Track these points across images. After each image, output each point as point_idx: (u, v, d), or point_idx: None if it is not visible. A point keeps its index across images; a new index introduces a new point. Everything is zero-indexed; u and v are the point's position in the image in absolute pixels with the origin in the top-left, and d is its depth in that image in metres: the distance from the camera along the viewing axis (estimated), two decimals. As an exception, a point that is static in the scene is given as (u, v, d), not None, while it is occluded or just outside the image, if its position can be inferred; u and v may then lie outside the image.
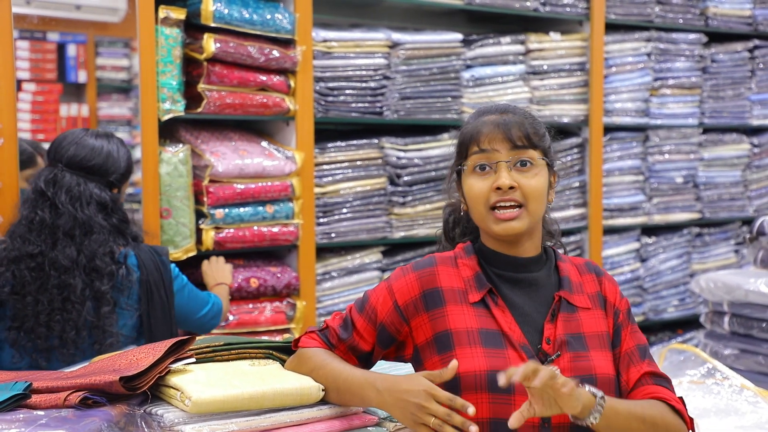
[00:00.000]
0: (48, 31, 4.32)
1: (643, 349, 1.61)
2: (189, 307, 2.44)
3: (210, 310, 2.50)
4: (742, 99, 4.28)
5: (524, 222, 1.56)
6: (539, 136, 1.59)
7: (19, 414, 1.41)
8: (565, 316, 1.58)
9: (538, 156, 1.58)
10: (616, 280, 1.67)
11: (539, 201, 1.58)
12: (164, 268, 2.30)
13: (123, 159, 2.36)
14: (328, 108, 3.17)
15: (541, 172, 1.58)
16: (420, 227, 3.39)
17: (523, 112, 1.63)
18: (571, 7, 3.69)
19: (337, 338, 1.67)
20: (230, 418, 1.48)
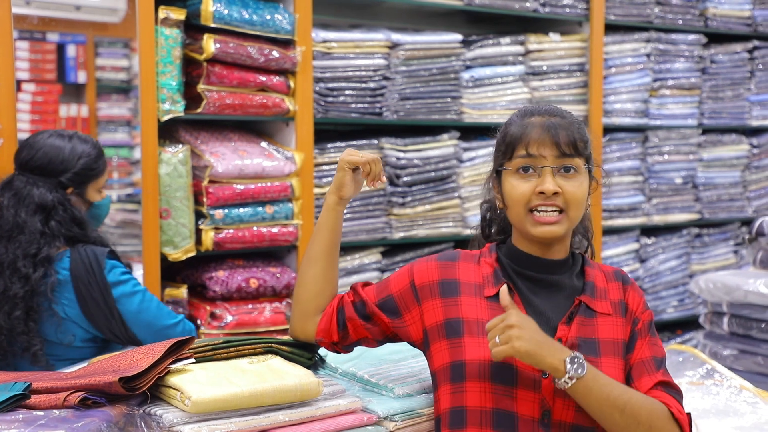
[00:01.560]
0: (48, 31, 4.32)
1: (659, 361, 1.60)
2: (149, 313, 2.23)
3: (179, 325, 2.28)
4: (741, 100, 4.29)
5: (563, 227, 1.59)
6: (584, 143, 1.62)
7: (18, 414, 1.41)
8: (581, 319, 1.59)
9: (582, 163, 1.61)
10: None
11: (580, 208, 1.61)
12: (98, 268, 2.17)
13: (76, 158, 2.27)
14: (327, 108, 3.17)
15: (584, 180, 1.61)
16: (419, 228, 3.39)
17: (570, 117, 1.64)
18: (570, 8, 3.69)
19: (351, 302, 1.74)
20: (229, 417, 1.48)
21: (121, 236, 4.07)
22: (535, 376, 1.53)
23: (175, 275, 3.06)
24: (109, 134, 4.50)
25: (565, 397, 1.51)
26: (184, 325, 2.31)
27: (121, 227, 4.03)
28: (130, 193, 4.43)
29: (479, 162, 3.53)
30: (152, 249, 2.81)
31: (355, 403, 1.61)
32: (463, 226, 3.50)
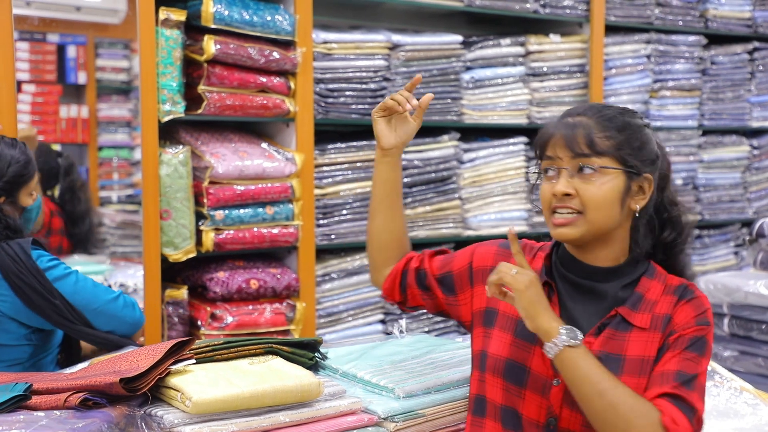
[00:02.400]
0: (48, 32, 4.32)
1: (683, 376, 1.45)
2: (86, 292, 2.18)
3: (119, 298, 2.24)
4: (741, 101, 4.29)
5: (579, 229, 1.53)
6: (612, 141, 1.52)
7: (19, 415, 1.41)
8: (612, 332, 1.52)
9: (604, 163, 1.52)
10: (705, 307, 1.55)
11: (600, 210, 1.52)
12: (26, 257, 2.11)
13: (6, 166, 2.20)
14: (328, 109, 3.17)
15: (609, 181, 1.52)
16: (420, 229, 3.39)
17: (602, 114, 1.56)
18: (570, 9, 3.69)
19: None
20: (230, 418, 1.48)
21: (122, 237, 4.08)
22: (546, 381, 1.52)
23: (175, 276, 3.06)
24: (109, 135, 4.49)
25: (573, 407, 1.49)
26: (125, 298, 2.26)
27: (121, 228, 4.03)
28: (131, 194, 4.43)
29: (480, 163, 3.53)
30: (153, 250, 2.81)
31: (356, 403, 1.61)
32: (464, 227, 3.50)
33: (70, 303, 2.14)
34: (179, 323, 2.91)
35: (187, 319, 2.94)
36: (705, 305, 1.54)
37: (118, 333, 2.25)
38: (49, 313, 2.13)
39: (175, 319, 2.90)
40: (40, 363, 2.24)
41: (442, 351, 1.95)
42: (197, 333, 2.90)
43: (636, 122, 1.57)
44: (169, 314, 2.89)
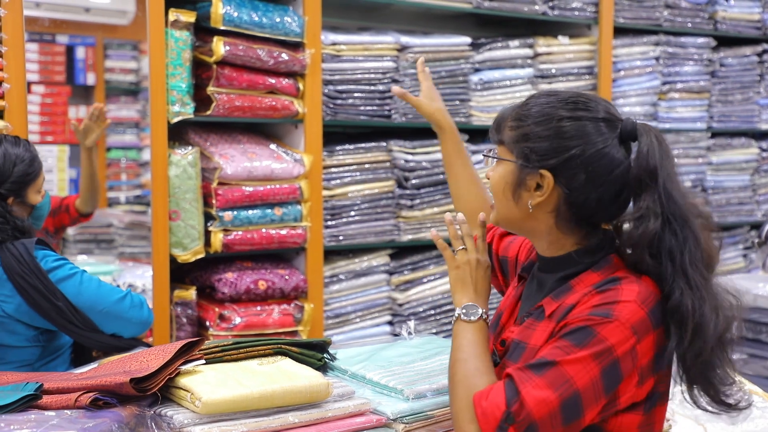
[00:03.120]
0: (57, 33, 4.33)
1: (537, 361, 1.36)
2: (90, 293, 2.16)
3: (125, 298, 2.21)
4: (750, 103, 4.28)
5: (493, 215, 1.57)
6: (514, 132, 1.48)
7: (30, 414, 1.42)
8: (530, 322, 1.49)
9: (500, 153, 1.52)
10: (616, 299, 1.37)
11: (498, 198, 1.52)
12: (29, 257, 2.11)
13: (11, 166, 2.19)
14: (336, 111, 3.18)
15: (501, 170, 1.50)
16: (428, 230, 3.39)
17: (528, 103, 1.50)
18: (579, 11, 3.68)
19: None
20: (239, 419, 1.48)
21: (130, 238, 4.09)
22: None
23: (184, 277, 3.07)
24: (117, 136, 4.51)
25: None
26: (132, 297, 2.22)
27: (129, 229, 4.04)
28: (139, 194, 4.44)
29: (486, 166, 3.52)
30: (161, 251, 2.81)
31: (365, 404, 1.61)
32: (472, 228, 3.50)
33: (74, 305, 2.12)
34: (188, 324, 2.92)
35: (196, 320, 2.95)
36: (617, 297, 1.37)
37: (125, 335, 2.23)
38: (53, 315, 2.10)
39: (183, 320, 2.91)
40: (50, 366, 2.22)
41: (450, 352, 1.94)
42: (205, 334, 2.90)
43: (559, 114, 1.44)
44: (177, 315, 2.90)
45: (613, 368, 1.34)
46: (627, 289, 1.38)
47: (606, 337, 1.34)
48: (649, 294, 1.39)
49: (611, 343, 1.34)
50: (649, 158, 1.41)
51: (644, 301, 1.37)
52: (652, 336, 1.37)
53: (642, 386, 1.39)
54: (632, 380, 1.37)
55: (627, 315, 1.35)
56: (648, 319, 1.37)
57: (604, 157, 1.42)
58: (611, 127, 1.44)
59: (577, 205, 1.45)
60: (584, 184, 1.43)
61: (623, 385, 1.36)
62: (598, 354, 1.33)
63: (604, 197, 1.44)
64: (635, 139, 1.44)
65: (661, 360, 1.39)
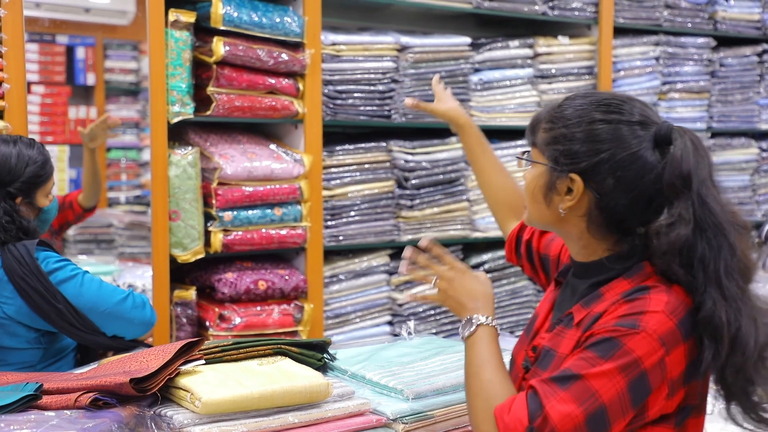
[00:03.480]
0: (57, 33, 4.33)
1: (562, 373, 1.33)
2: (91, 294, 2.14)
3: (127, 299, 2.19)
4: (750, 103, 4.28)
5: (525, 217, 1.55)
6: (548, 134, 1.46)
7: (30, 414, 1.42)
8: (560, 329, 1.47)
9: (533, 155, 1.50)
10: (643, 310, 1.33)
11: (530, 199, 1.50)
12: (30, 259, 2.10)
13: (24, 166, 2.19)
14: (336, 111, 3.18)
15: (534, 173, 1.48)
16: (428, 230, 3.39)
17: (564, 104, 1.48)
18: (579, 11, 3.68)
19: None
20: (239, 419, 1.48)
21: (130, 238, 4.09)
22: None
23: (184, 277, 3.07)
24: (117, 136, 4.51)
25: None
26: (134, 298, 2.20)
27: (129, 229, 4.04)
28: (139, 195, 4.44)
29: (488, 165, 3.53)
30: (161, 251, 2.81)
31: (365, 404, 1.62)
32: (471, 228, 3.50)
33: (74, 306, 2.11)
34: (187, 324, 2.92)
35: (196, 320, 2.95)
36: (644, 307, 1.33)
37: (127, 336, 2.22)
38: (53, 317, 2.09)
39: (183, 320, 2.91)
40: (53, 368, 2.21)
41: (450, 352, 1.95)
42: (205, 334, 2.90)
43: (592, 116, 1.42)
44: (177, 315, 2.90)
45: (640, 381, 1.30)
46: (655, 298, 1.34)
47: (632, 348, 1.30)
48: (679, 304, 1.35)
49: (638, 355, 1.30)
50: (682, 163, 1.36)
51: (673, 312, 1.33)
52: (682, 348, 1.33)
53: (672, 399, 1.35)
54: (662, 392, 1.33)
55: (654, 326, 1.31)
56: (677, 330, 1.32)
57: (635, 161, 1.39)
58: (646, 129, 1.41)
59: (608, 210, 1.42)
60: (614, 188, 1.40)
61: (652, 397, 1.32)
62: (625, 367, 1.30)
63: (635, 202, 1.40)
64: (670, 143, 1.39)
65: (693, 372, 1.35)
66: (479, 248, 3.59)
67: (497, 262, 3.56)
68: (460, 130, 2.05)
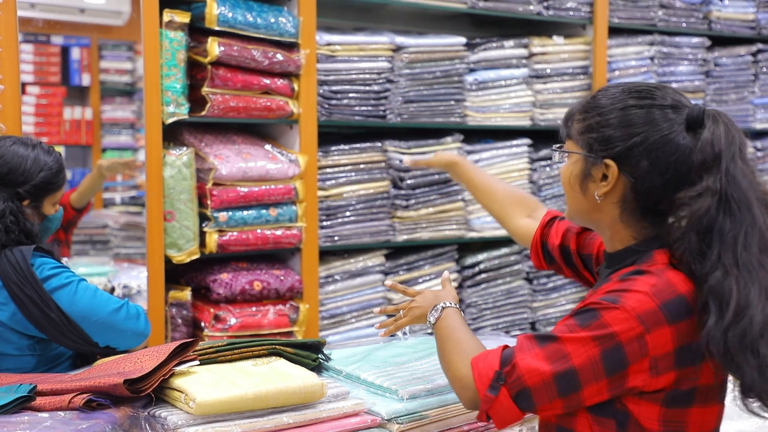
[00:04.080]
0: (52, 34, 4.32)
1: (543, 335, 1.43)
2: (83, 303, 2.10)
3: (121, 309, 2.14)
4: (745, 103, 4.28)
5: (567, 212, 1.60)
6: (582, 125, 1.50)
7: (23, 416, 1.42)
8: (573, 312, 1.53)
9: (568, 147, 1.54)
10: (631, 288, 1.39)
11: (567, 192, 1.55)
12: (25, 265, 2.07)
13: (37, 170, 2.18)
14: (331, 111, 3.18)
15: (570, 164, 1.53)
16: (423, 230, 3.39)
17: (596, 95, 1.53)
18: (574, 11, 3.69)
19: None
20: (233, 420, 1.48)
21: (125, 239, 4.08)
22: None
23: (179, 278, 3.06)
24: (112, 137, 4.50)
25: None
26: (128, 309, 2.15)
27: (124, 230, 4.03)
28: (134, 195, 4.43)
29: (483, 165, 3.53)
30: (156, 251, 2.81)
31: (359, 405, 1.62)
32: (467, 228, 3.50)
33: (67, 315, 2.07)
34: (183, 325, 2.91)
35: (191, 321, 2.94)
36: (630, 287, 1.39)
37: (120, 347, 2.17)
38: (45, 325, 2.06)
39: (178, 321, 2.91)
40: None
41: (445, 353, 1.94)
42: (200, 334, 2.90)
43: (626, 103, 1.46)
44: (172, 316, 2.90)
45: (615, 352, 1.36)
46: (643, 280, 1.40)
47: (609, 322, 1.37)
48: (667, 288, 1.39)
49: (613, 330, 1.36)
50: (714, 144, 1.41)
51: (657, 294, 1.38)
52: (667, 330, 1.36)
53: (658, 377, 1.38)
54: (643, 367, 1.37)
55: (633, 304, 1.37)
56: (659, 311, 1.36)
57: (668, 144, 1.43)
58: (678, 113, 1.45)
59: (642, 193, 1.46)
60: (648, 171, 1.44)
61: (632, 370, 1.37)
62: (599, 337, 1.37)
63: (669, 184, 1.44)
64: (702, 125, 1.43)
65: (685, 356, 1.38)
66: (474, 248, 3.59)
67: (492, 262, 3.56)
68: (455, 167, 2.20)
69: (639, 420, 1.40)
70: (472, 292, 3.52)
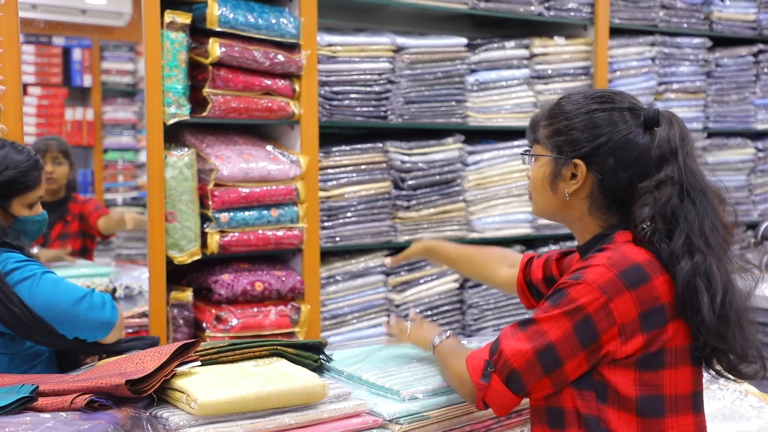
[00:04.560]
0: (53, 35, 4.33)
1: (523, 321, 1.57)
2: (45, 295, 2.04)
3: (84, 299, 2.07)
4: (746, 103, 4.28)
5: (534, 208, 1.70)
6: (549, 129, 1.64)
7: (26, 417, 1.42)
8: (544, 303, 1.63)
9: (537, 150, 1.67)
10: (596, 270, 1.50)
11: (537, 191, 1.66)
12: None
13: (2, 169, 2.13)
14: (332, 112, 3.18)
15: (539, 166, 1.65)
16: (424, 231, 3.39)
17: (559, 102, 1.67)
18: (575, 12, 3.69)
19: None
20: (235, 420, 1.48)
21: (127, 239, 4.09)
22: None
23: (180, 278, 3.06)
24: (114, 137, 4.51)
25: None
26: (92, 298, 2.08)
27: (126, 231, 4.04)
28: (135, 196, 4.44)
29: (484, 165, 3.53)
30: (158, 252, 2.81)
31: (361, 405, 1.62)
32: (468, 229, 3.50)
33: (30, 308, 2.01)
34: (184, 325, 2.91)
35: (192, 322, 2.95)
36: (589, 263, 1.52)
37: (88, 339, 2.12)
38: (8, 320, 2.00)
39: (180, 322, 2.91)
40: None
41: (446, 353, 1.94)
42: (202, 335, 2.90)
43: (589, 107, 1.60)
44: (174, 316, 2.90)
45: (585, 324, 1.49)
46: (599, 256, 1.53)
47: (575, 297, 1.50)
48: (622, 258, 1.51)
49: (581, 303, 1.49)
50: (670, 141, 1.56)
51: (614, 264, 1.50)
52: (628, 295, 1.49)
53: (627, 342, 1.49)
54: (613, 333, 1.49)
55: (594, 276, 1.50)
56: (617, 279, 1.49)
57: (629, 142, 1.57)
58: (635, 116, 1.59)
59: (609, 188, 1.59)
60: (614, 167, 1.57)
61: (604, 338, 1.49)
62: (569, 312, 1.50)
63: (633, 177, 1.57)
64: (658, 124, 1.58)
65: (651, 320, 1.50)
66: (476, 249, 3.59)
67: (494, 262, 3.56)
68: (434, 252, 2.22)
69: (617, 388, 1.50)
70: (474, 292, 3.52)
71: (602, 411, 1.51)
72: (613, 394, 1.51)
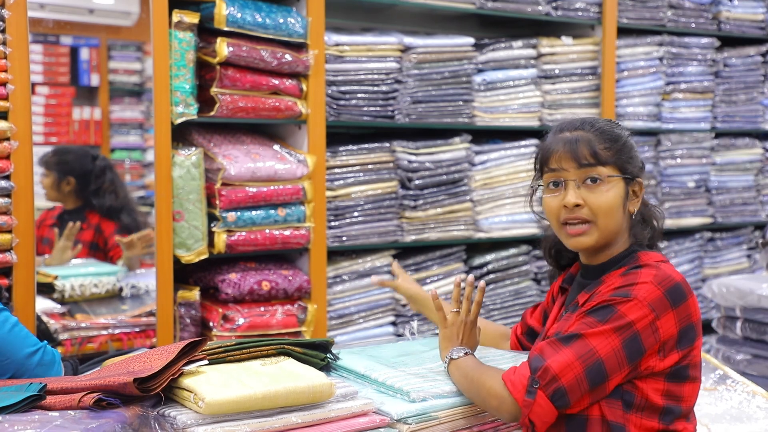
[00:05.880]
0: (61, 34, 4.34)
1: (564, 335, 1.57)
2: (5, 340, 1.92)
3: (36, 354, 1.95)
4: (754, 103, 4.27)
5: (593, 237, 1.67)
6: (612, 152, 1.67)
7: (34, 415, 1.42)
8: (567, 316, 1.68)
9: (608, 172, 1.66)
10: (642, 286, 1.57)
11: (609, 216, 1.66)
12: None
13: None
14: (340, 112, 3.18)
15: (612, 188, 1.66)
16: (431, 231, 3.39)
17: (597, 128, 1.69)
18: (583, 12, 3.68)
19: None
20: (242, 419, 1.48)
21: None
22: None
23: (187, 278, 3.07)
24: (121, 137, 4.51)
25: None
26: (44, 354, 1.96)
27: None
28: (143, 195, 4.44)
29: (491, 165, 3.53)
30: (165, 251, 2.82)
31: (368, 404, 1.62)
32: (475, 229, 3.50)
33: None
34: (191, 324, 2.92)
35: (199, 321, 2.95)
36: (636, 280, 1.57)
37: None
38: None
39: (187, 321, 2.91)
40: None
41: (453, 353, 1.94)
42: (209, 334, 2.91)
43: (624, 133, 1.72)
44: (181, 315, 2.90)
45: (633, 341, 1.53)
46: (645, 273, 1.58)
47: (625, 313, 1.53)
48: (666, 277, 1.58)
49: (631, 319, 1.53)
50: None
51: (660, 283, 1.56)
52: (671, 314, 1.55)
53: (665, 358, 1.56)
54: (654, 350, 1.55)
55: (644, 294, 1.54)
56: (664, 298, 1.55)
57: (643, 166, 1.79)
58: None
59: (643, 202, 1.75)
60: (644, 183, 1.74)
61: (648, 354, 1.55)
62: (619, 328, 1.53)
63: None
64: None
65: (686, 337, 1.57)
66: (483, 249, 3.59)
67: (501, 262, 3.56)
68: (422, 305, 2.21)
69: (647, 397, 1.56)
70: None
71: (627, 419, 1.56)
72: (641, 402, 1.56)
